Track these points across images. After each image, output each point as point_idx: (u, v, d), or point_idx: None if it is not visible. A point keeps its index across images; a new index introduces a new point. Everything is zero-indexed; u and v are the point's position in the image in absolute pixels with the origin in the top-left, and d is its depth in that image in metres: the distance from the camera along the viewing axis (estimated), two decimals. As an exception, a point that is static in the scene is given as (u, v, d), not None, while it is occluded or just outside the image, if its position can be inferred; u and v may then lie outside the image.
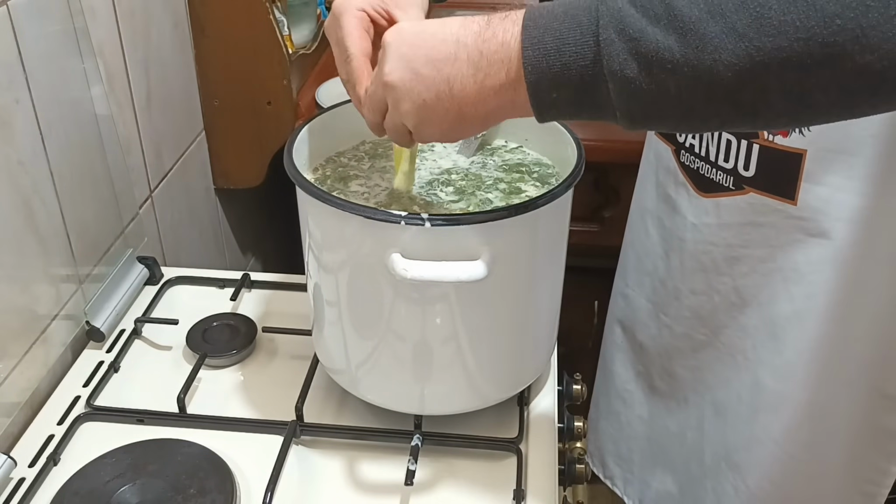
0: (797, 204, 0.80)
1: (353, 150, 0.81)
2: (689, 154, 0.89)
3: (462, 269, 0.62)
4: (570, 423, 0.85)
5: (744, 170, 0.83)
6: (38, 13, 0.78)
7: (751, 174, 0.82)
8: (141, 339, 0.90)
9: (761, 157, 0.81)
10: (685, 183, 0.90)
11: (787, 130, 0.78)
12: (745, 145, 0.82)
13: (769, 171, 0.81)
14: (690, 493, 1.03)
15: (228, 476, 0.71)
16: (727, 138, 0.83)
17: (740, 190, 0.84)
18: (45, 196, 0.80)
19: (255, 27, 1.14)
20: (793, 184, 0.80)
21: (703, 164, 0.87)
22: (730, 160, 0.84)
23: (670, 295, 0.97)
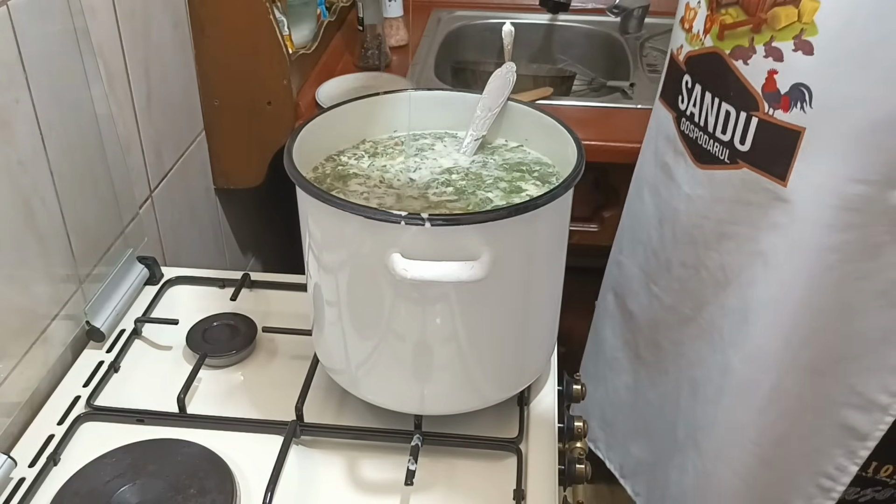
0: (787, 185, 0.80)
1: (353, 148, 0.82)
2: (689, 123, 0.89)
3: (462, 269, 0.62)
4: (570, 423, 0.85)
5: (740, 143, 0.82)
6: (38, 13, 0.78)
7: (746, 148, 0.82)
8: (141, 339, 0.90)
9: (759, 131, 0.80)
10: (684, 152, 0.90)
11: (789, 105, 0.77)
12: (744, 118, 0.81)
13: (765, 146, 0.81)
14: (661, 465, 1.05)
15: (228, 476, 0.71)
16: (727, 109, 0.83)
17: (734, 164, 0.84)
18: (46, 196, 0.80)
19: (255, 27, 1.15)
20: (786, 163, 0.79)
21: (701, 133, 0.87)
22: (727, 132, 0.83)
23: (662, 265, 0.98)
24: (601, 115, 1.32)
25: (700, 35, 0.86)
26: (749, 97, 0.81)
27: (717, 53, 0.83)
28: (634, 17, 1.58)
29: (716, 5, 0.83)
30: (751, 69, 0.80)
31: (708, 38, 0.85)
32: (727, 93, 0.83)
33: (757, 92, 0.80)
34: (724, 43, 0.82)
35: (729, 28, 0.81)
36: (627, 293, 1.09)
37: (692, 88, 0.89)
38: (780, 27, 0.76)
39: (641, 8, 1.57)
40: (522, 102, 0.81)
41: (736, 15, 0.81)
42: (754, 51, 0.79)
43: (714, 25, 0.83)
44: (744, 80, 0.81)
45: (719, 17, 0.82)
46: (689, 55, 0.89)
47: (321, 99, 1.31)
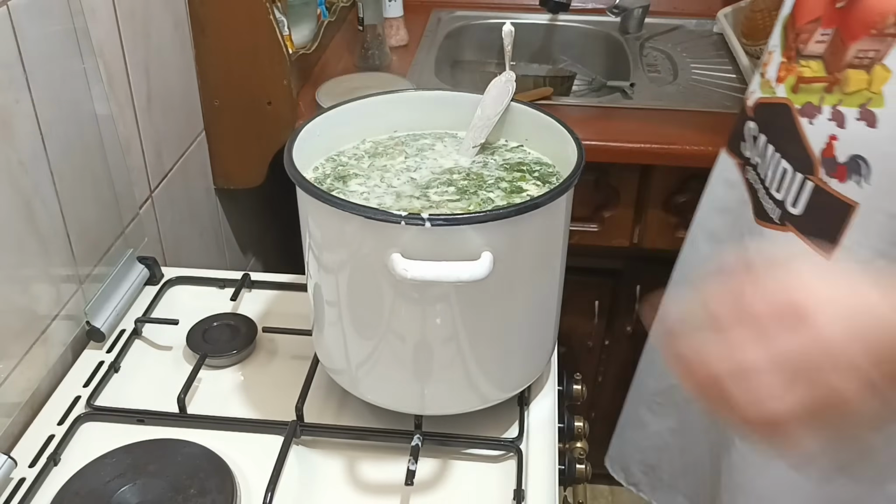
0: (830, 258, 0.74)
1: (353, 148, 0.82)
2: (754, 172, 0.85)
3: (462, 269, 0.62)
4: (570, 423, 0.85)
5: (792, 206, 0.78)
6: (38, 13, 0.78)
7: (798, 212, 0.77)
8: (141, 339, 0.90)
9: (813, 197, 0.75)
10: (748, 201, 0.86)
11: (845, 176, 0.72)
12: (799, 180, 0.77)
13: (815, 214, 0.76)
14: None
15: (229, 476, 0.71)
16: (784, 167, 0.79)
17: (783, 226, 0.80)
18: (46, 196, 0.80)
19: (255, 27, 1.14)
20: (835, 236, 0.74)
21: (761, 187, 0.84)
22: (781, 191, 0.79)
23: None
24: (601, 115, 1.32)
25: (772, 83, 0.81)
26: (807, 159, 0.75)
27: (787, 105, 0.78)
28: (634, 17, 1.58)
29: (795, 55, 0.77)
30: (814, 130, 0.75)
31: (781, 88, 0.79)
32: (788, 149, 0.78)
33: (815, 155, 0.74)
34: (798, 96, 0.77)
35: (806, 82, 0.76)
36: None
37: (757, 137, 0.84)
38: (850, 91, 0.71)
39: (641, 8, 1.57)
40: (522, 102, 0.81)
41: (816, 69, 0.75)
42: (821, 111, 0.74)
43: (790, 76, 0.78)
44: (805, 139, 0.75)
45: (797, 67, 0.77)
46: (759, 102, 0.84)
47: (321, 99, 1.31)
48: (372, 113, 0.82)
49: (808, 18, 0.76)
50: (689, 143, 1.23)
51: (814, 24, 0.75)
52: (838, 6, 0.72)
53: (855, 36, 0.69)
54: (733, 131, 0.91)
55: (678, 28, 1.62)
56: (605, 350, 1.52)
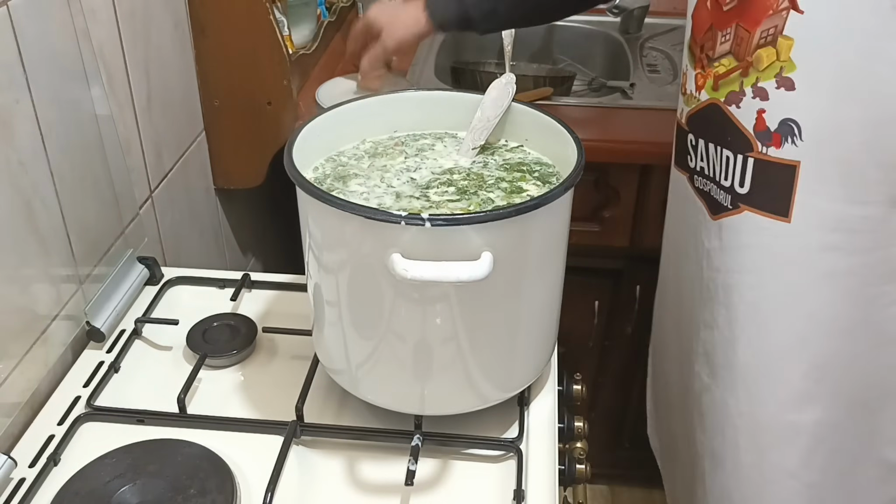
0: (791, 220, 0.80)
1: (353, 148, 0.82)
2: (700, 177, 0.90)
3: (462, 269, 0.62)
4: (570, 423, 0.85)
5: (739, 186, 0.83)
6: (38, 13, 0.78)
7: (745, 190, 0.83)
8: (141, 339, 0.90)
9: (756, 171, 0.81)
10: (702, 207, 0.91)
11: (780, 141, 0.79)
12: (741, 160, 0.83)
13: (763, 186, 0.81)
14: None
15: (228, 476, 0.71)
16: (726, 154, 0.84)
17: (736, 209, 0.85)
18: (46, 196, 0.80)
19: (255, 27, 1.14)
20: (786, 198, 0.80)
21: (713, 185, 0.88)
22: (728, 177, 0.85)
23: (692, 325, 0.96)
24: (601, 115, 1.32)
25: (694, 93, 0.89)
26: (743, 139, 0.82)
27: (714, 103, 0.86)
28: (634, 17, 1.58)
29: (707, 60, 0.86)
30: (742, 111, 0.82)
31: (703, 93, 0.87)
32: (725, 138, 0.85)
33: (749, 133, 0.82)
34: (719, 92, 0.85)
35: (723, 77, 0.84)
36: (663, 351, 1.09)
37: (696, 144, 0.91)
38: (763, 67, 0.79)
39: (641, 8, 1.57)
40: (522, 102, 0.81)
41: (728, 64, 0.83)
42: (744, 93, 0.81)
43: (707, 79, 0.86)
44: (737, 122, 0.83)
45: (712, 70, 0.85)
46: (689, 114, 0.91)
47: (321, 99, 1.30)
48: (372, 113, 0.82)
49: (704, 29, 0.86)
50: (689, 143, 1.22)
51: (710, 33, 0.85)
52: (726, 8, 0.82)
53: (757, 21, 0.78)
54: (676, 149, 0.98)
55: (678, 28, 1.62)
56: (605, 350, 1.52)
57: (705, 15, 0.86)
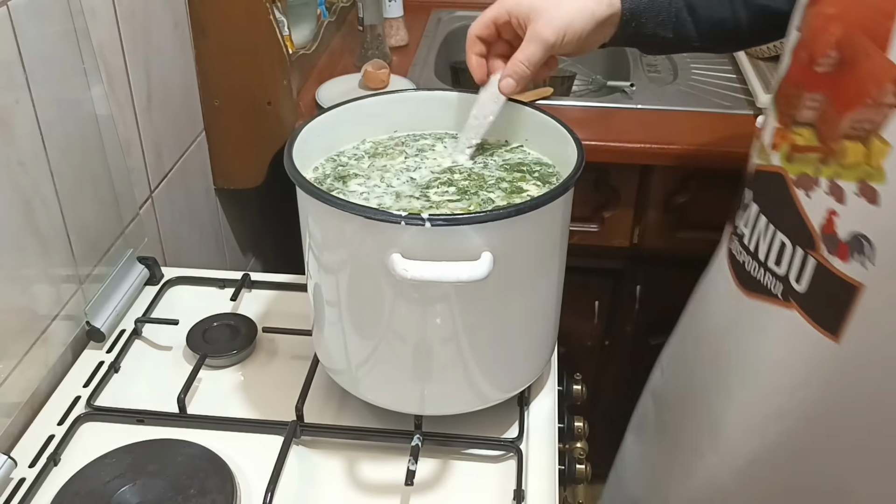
0: (839, 342, 0.69)
1: (353, 148, 0.82)
2: (738, 242, 0.79)
3: (462, 269, 0.62)
4: (570, 423, 0.85)
5: (795, 282, 0.71)
6: (38, 13, 0.78)
7: (802, 289, 0.71)
8: (141, 339, 0.90)
9: (816, 275, 0.69)
10: (728, 273, 0.80)
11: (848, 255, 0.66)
12: (801, 255, 0.70)
13: (820, 293, 0.70)
14: None
15: (228, 476, 0.71)
16: (781, 240, 0.72)
17: (786, 302, 0.72)
18: (46, 196, 0.80)
19: (255, 27, 1.14)
20: (840, 318, 0.68)
21: (749, 259, 0.76)
22: (782, 265, 0.72)
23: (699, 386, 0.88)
24: (601, 115, 1.32)
25: (767, 149, 0.75)
26: (807, 234, 0.69)
27: (782, 175, 0.71)
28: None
29: (790, 121, 0.71)
30: (812, 203, 0.68)
31: (775, 156, 0.72)
32: (785, 222, 0.72)
33: (816, 231, 0.68)
34: (792, 166, 0.70)
35: (800, 150, 0.69)
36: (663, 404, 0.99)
37: (748, 205, 0.78)
38: (847, 164, 0.64)
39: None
40: (522, 102, 0.81)
41: (809, 138, 0.68)
42: (818, 183, 0.67)
43: (784, 143, 0.71)
44: (803, 213, 0.69)
45: (791, 135, 0.70)
46: (756, 168, 0.77)
47: (321, 99, 1.31)
48: (372, 113, 0.82)
49: (794, 82, 0.70)
50: (688, 143, 1.23)
51: (798, 89, 0.69)
52: (819, 70, 0.66)
53: (849, 106, 0.63)
54: (736, 197, 0.84)
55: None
56: (605, 350, 1.52)
57: (802, 63, 0.69)
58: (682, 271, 1.39)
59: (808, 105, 0.68)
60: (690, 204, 1.30)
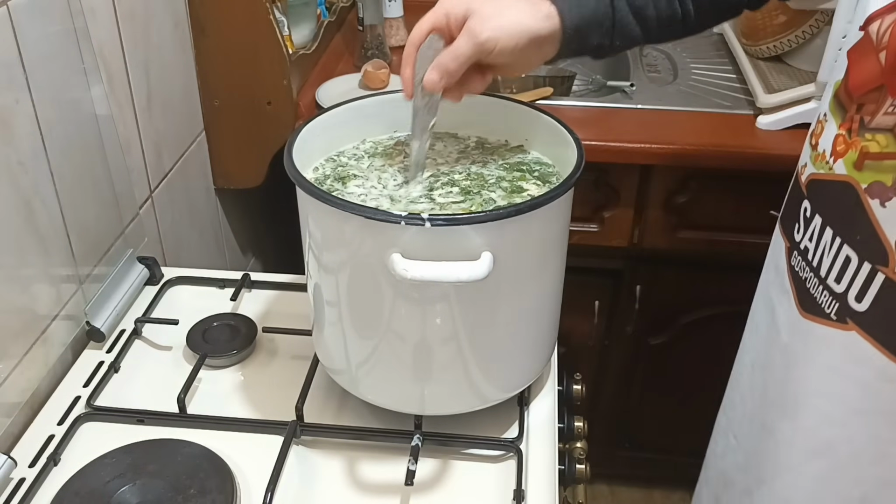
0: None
1: (354, 149, 0.82)
2: (801, 259, 0.74)
3: (462, 269, 0.62)
4: (570, 423, 0.85)
5: (856, 301, 0.66)
6: (38, 13, 0.78)
7: (863, 308, 0.66)
8: (141, 339, 0.90)
9: (883, 291, 0.64)
10: (789, 291, 0.75)
11: None
12: (867, 270, 0.65)
13: (887, 312, 0.65)
14: None
15: (228, 476, 0.71)
16: (847, 254, 0.67)
17: (843, 323, 0.68)
18: (46, 196, 0.80)
19: (255, 27, 1.14)
20: None
21: (812, 276, 0.72)
22: (842, 282, 0.68)
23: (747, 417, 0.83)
24: (601, 115, 1.32)
25: (826, 157, 0.70)
26: (879, 247, 0.64)
27: (851, 185, 0.66)
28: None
29: (859, 127, 0.66)
30: (888, 214, 0.63)
31: (839, 164, 0.68)
32: (853, 235, 0.67)
33: (890, 243, 0.63)
34: (863, 174, 0.65)
35: (872, 158, 0.64)
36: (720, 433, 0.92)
37: (811, 219, 0.72)
38: None
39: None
40: (522, 102, 0.81)
41: (885, 144, 0.64)
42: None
43: (851, 150, 0.67)
44: (876, 224, 0.64)
45: (861, 142, 0.66)
46: (813, 178, 0.72)
47: (321, 99, 1.31)
48: (372, 113, 0.82)
49: (868, 87, 0.66)
50: (689, 143, 1.23)
51: (877, 94, 0.65)
52: None
53: None
54: (785, 209, 0.79)
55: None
56: (605, 350, 1.52)
57: (874, 68, 0.65)
58: (682, 271, 1.40)
59: (888, 110, 0.64)
60: (690, 204, 1.30)
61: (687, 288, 1.41)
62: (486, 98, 0.83)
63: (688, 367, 1.46)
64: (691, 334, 1.46)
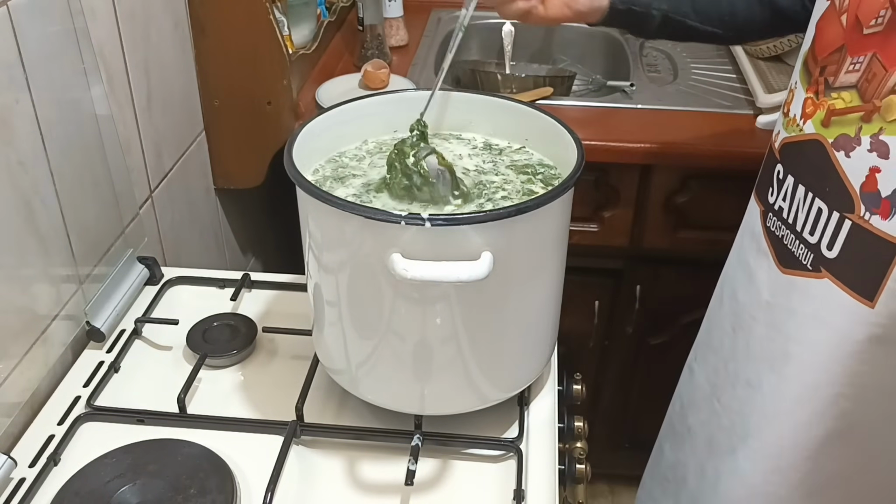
0: (874, 306, 0.68)
1: (356, 149, 0.82)
2: (776, 219, 0.79)
3: (462, 269, 0.62)
4: (570, 423, 0.85)
5: (827, 248, 0.71)
6: (38, 13, 0.78)
7: (833, 255, 0.71)
8: (141, 339, 0.90)
9: (850, 237, 0.69)
10: (768, 253, 0.80)
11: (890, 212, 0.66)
12: (836, 219, 0.70)
13: (854, 256, 0.69)
14: None
15: (228, 476, 0.71)
16: (819, 206, 0.72)
17: (816, 272, 0.72)
18: (46, 196, 0.80)
19: (255, 27, 1.14)
20: (877, 281, 0.67)
21: (788, 232, 0.77)
22: (815, 233, 0.73)
23: (729, 379, 0.87)
24: (601, 115, 1.32)
25: (797, 119, 0.76)
26: (845, 195, 0.69)
27: (819, 141, 0.72)
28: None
29: (825, 88, 0.72)
30: (852, 163, 0.68)
31: (809, 125, 0.73)
32: (822, 187, 0.72)
33: (855, 190, 0.68)
34: (829, 130, 0.71)
35: (838, 114, 0.70)
36: (691, 405, 0.98)
37: (784, 179, 0.78)
38: (893, 118, 0.65)
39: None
40: (522, 102, 0.81)
41: (849, 100, 0.69)
42: (859, 142, 0.68)
43: (819, 110, 0.72)
44: (843, 174, 0.69)
45: (828, 101, 0.71)
46: (785, 142, 0.78)
47: (321, 99, 1.31)
48: (372, 113, 0.82)
49: (831, 49, 0.71)
50: (689, 143, 1.23)
51: (838, 54, 0.70)
52: (867, 31, 0.67)
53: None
54: (760, 176, 0.85)
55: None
56: (605, 350, 1.52)
57: (836, 31, 0.71)
58: (682, 271, 1.40)
59: (849, 69, 0.69)
60: (690, 204, 1.30)
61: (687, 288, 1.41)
62: (487, 98, 0.83)
63: (688, 367, 1.46)
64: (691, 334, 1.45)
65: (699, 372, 0.96)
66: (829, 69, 0.72)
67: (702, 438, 0.94)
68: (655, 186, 1.29)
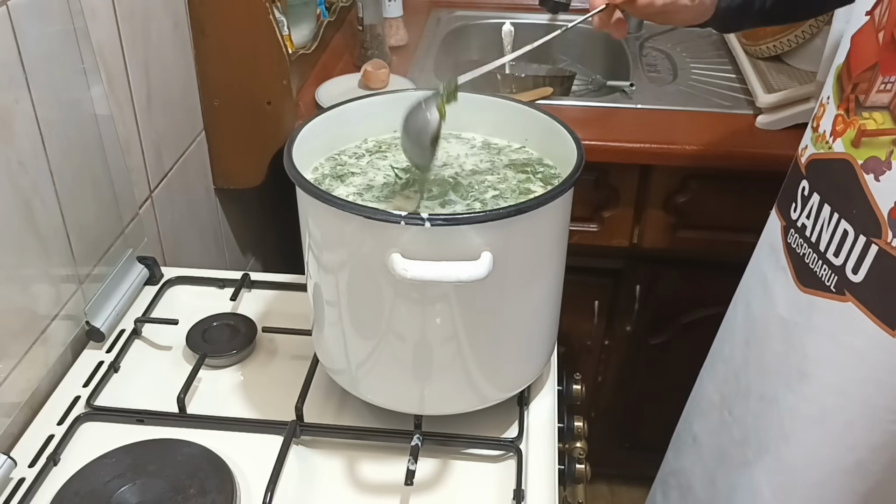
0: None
1: (356, 147, 0.82)
2: (798, 236, 0.77)
3: (462, 269, 0.62)
4: (569, 423, 0.85)
5: (852, 272, 0.70)
6: (38, 13, 0.78)
7: (858, 279, 0.69)
8: (141, 339, 0.90)
9: (876, 263, 0.68)
10: (786, 268, 0.78)
11: None
12: (863, 243, 0.69)
13: (880, 283, 0.68)
14: None
15: (228, 476, 0.71)
16: (845, 228, 0.70)
17: (840, 295, 0.71)
18: (45, 196, 0.80)
19: (255, 27, 1.14)
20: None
21: (810, 251, 0.75)
22: (840, 255, 0.71)
23: (741, 392, 0.86)
24: (601, 115, 1.32)
25: (826, 136, 0.74)
26: (873, 219, 0.67)
27: (848, 161, 0.70)
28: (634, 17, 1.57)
29: (855, 106, 0.70)
30: (881, 187, 0.67)
31: (838, 143, 0.72)
32: (849, 209, 0.70)
33: (883, 216, 0.66)
34: (860, 151, 0.69)
35: (869, 135, 0.68)
36: (697, 415, 0.97)
37: (809, 197, 0.76)
38: None
39: (641, 8, 1.57)
40: (522, 102, 0.81)
41: (881, 121, 0.67)
42: (889, 166, 0.66)
43: (850, 129, 0.70)
44: (871, 197, 0.67)
45: (859, 120, 0.69)
46: (813, 158, 0.76)
47: (321, 99, 1.31)
48: (372, 113, 0.82)
49: (865, 66, 0.69)
50: (688, 143, 1.23)
51: (870, 72, 0.68)
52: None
53: None
54: (783, 190, 0.83)
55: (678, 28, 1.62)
56: (605, 350, 1.52)
57: (872, 48, 0.68)
58: (682, 271, 1.40)
59: (881, 88, 0.67)
60: (690, 204, 1.30)
61: (687, 288, 1.41)
62: (487, 98, 0.83)
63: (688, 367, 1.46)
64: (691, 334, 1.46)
65: (707, 380, 0.95)
66: (861, 87, 0.69)
67: (710, 448, 0.93)
68: (655, 186, 1.29)
